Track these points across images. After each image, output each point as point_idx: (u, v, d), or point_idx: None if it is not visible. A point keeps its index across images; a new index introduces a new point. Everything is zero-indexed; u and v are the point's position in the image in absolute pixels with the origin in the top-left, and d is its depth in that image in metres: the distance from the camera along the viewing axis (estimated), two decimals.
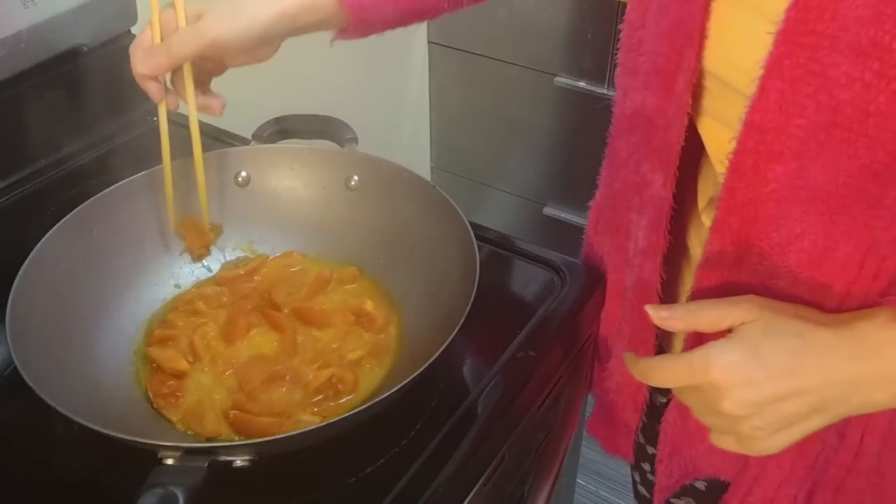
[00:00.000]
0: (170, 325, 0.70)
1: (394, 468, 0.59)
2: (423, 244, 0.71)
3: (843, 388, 0.50)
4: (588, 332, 0.78)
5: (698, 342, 0.53)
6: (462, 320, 0.58)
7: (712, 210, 0.59)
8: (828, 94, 0.47)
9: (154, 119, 0.98)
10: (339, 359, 0.66)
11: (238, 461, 0.54)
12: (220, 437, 0.61)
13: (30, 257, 0.63)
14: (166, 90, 0.67)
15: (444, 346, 0.57)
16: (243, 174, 0.76)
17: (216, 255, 0.77)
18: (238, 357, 0.67)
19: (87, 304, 0.67)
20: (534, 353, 0.69)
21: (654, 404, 0.77)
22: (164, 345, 0.68)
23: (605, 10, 1.45)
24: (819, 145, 0.49)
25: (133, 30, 0.96)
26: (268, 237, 0.77)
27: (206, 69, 0.69)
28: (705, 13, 0.54)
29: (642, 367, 0.55)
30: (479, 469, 0.63)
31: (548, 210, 1.78)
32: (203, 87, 0.70)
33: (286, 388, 0.64)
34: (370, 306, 0.70)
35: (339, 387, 0.64)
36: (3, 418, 0.65)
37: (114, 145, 0.95)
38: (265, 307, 0.71)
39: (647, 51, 0.60)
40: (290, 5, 0.64)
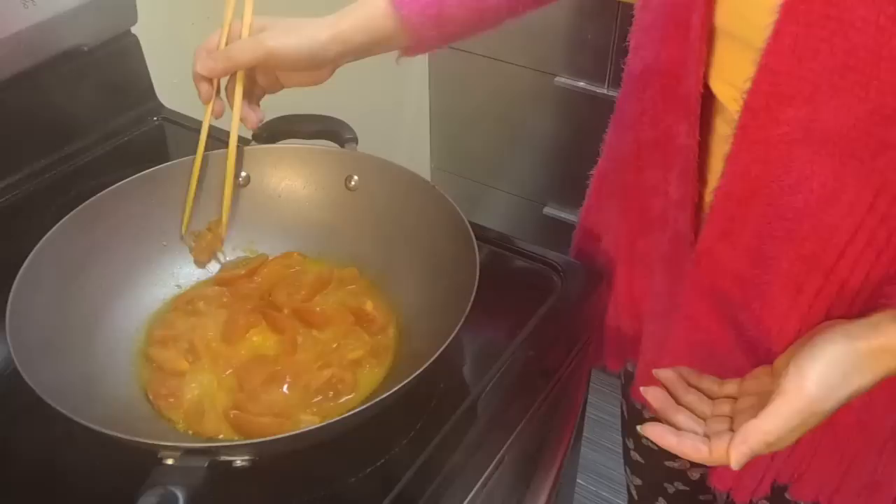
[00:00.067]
0: (170, 325, 0.70)
1: (394, 468, 0.60)
2: (423, 244, 0.71)
3: None
4: (588, 331, 0.78)
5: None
6: (462, 320, 0.58)
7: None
8: (842, 37, 0.49)
9: (155, 119, 0.99)
10: (338, 359, 0.66)
11: (238, 461, 0.54)
12: (220, 437, 0.61)
13: (30, 257, 0.63)
14: (216, 98, 0.70)
15: (444, 346, 0.56)
16: (243, 174, 0.76)
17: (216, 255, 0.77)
18: (238, 357, 0.67)
19: (87, 304, 0.67)
20: (534, 353, 0.69)
21: None
22: (164, 345, 0.68)
23: (605, 10, 1.45)
24: (832, 88, 0.51)
25: (133, 30, 0.96)
26: (268, 237, 0.77)
27: (260, 84, 0.72)
28: None
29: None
30: (479, 469, 0.63)
31: (548, 210, 1.78)
32: (251, 101, 0.73)
33: (286, 388, 0.64)
34: (370, 306, 0.70)
35: (339, 387, 0.64)
36: (3, 418, 0.65)
37: (114, 145, 0.95)
38: (265, 307, 0.71)
39: (661, 3, 0.62)
40: (346, 28, 0.68)
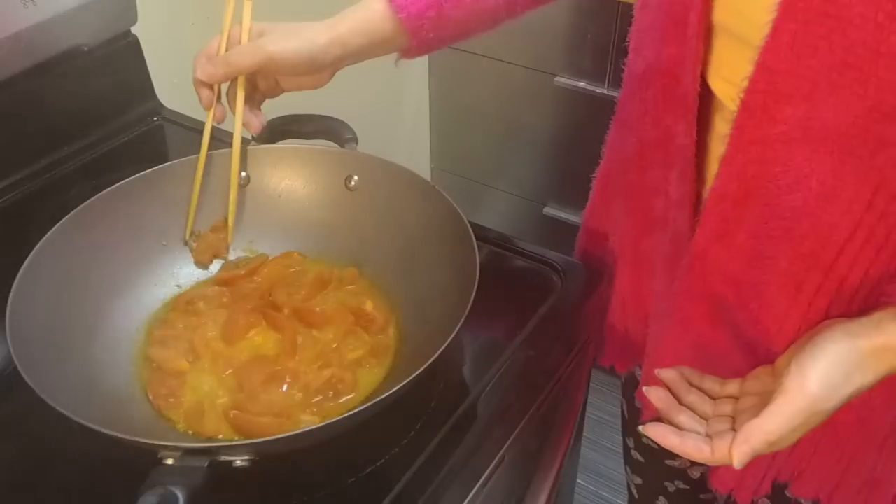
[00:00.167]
0: (170, 325, 0.70)
1: (394, 468, 0.60)
2: (423, 244, 0.71)
3: None
4: (588, 331, 0.78)
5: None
6: (462, 320, 0.58)
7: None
8: (841, 34, 0.48)
9: (155, 119, 0.99)
10: (338, 359, 0.66)
11: (238, 461, 0.54)
12: (220, 437, 0.61)
13: (30, 257, 0.63)
14: (217, 103, 0.70)
15: (444, 347, 0.56)
16: (243, 174, 0.76)
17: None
18: (238, 357, 0.67)
19: (87, 304, 0.67)
20: (534, 353, 0.69)
21: None
22: (165, 345, 0.68)
23: (605, 10, 1.45)
24: (830, 86, 0.50)
25: (133, 30, 0.96)
26: (268, 237, 0.77)
27: (261, 89, 0.72)
28: None
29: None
30: (479, 469, 0.63)
31: (548, 210, 1.78)
32: (252, 106, 0.73)
33: (286, 388, 0.64)
34: (370, 307, 0.70)
35: (339, 387, 0.64)
36: (3, 418, 0.65)
37: (114, 145, 0.95)
38: (265, 307, 0.71)
39: (659, 2, 0.62)
40: (345, 31, 0.68)
